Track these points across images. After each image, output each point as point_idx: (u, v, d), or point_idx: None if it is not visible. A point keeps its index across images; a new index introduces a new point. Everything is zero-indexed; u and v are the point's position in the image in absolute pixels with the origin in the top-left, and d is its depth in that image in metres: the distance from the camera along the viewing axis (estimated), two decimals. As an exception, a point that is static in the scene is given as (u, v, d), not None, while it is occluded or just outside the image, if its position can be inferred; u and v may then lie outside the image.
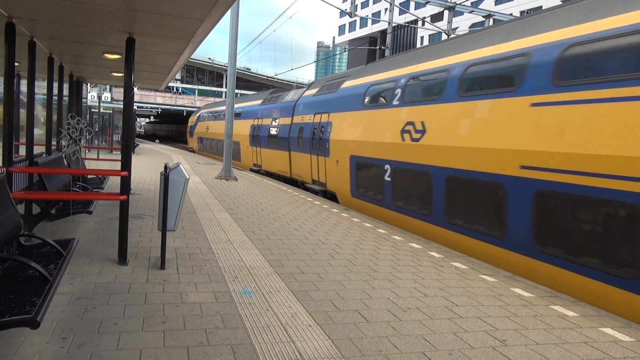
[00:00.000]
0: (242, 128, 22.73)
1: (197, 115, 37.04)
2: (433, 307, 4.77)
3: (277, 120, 18.33)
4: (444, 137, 8.14)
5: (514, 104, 6.75)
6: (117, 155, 16.66)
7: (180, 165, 5.66)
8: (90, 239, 6.52)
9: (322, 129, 13.61)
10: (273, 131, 18.55)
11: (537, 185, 6.24)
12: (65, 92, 10.17)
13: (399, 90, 9.89)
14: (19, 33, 5.52)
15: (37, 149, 7.62)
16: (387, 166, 9.88)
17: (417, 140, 8.85)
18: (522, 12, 46.24)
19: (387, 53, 21.49)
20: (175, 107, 60.28)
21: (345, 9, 20.95)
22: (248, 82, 72.84)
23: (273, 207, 10.29)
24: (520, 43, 7.04)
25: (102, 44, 6.67)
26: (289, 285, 5.14)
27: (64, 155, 8.67)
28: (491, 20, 21.82)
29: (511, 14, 28.21)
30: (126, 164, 5.68)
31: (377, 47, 23.32)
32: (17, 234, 4.18)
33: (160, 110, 61.75)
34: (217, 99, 48.53)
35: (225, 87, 34.26)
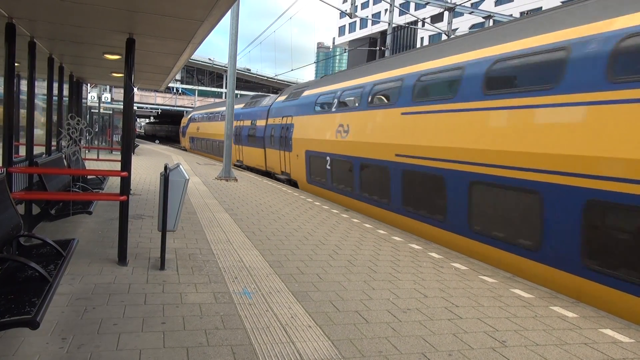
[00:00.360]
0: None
1: (189, 117, 41.49)
2: (433, 308, 4.77)
3: (255, 122, 21.51)
4: (359, 135, 11.41)
5: (392, 113, 10.04)
6: (117, 155, 16.65)
7: (180, 166, 5.66)
8: (90, 240, 6.52)
9: (287, 130, 16.65)
10: (252, 131, 21.86)
11: (403, 166, 9.45)
12: (65, 92, 10.17)
13: (335, 100, 13.41)
14: (19, 33, 5.52)
15: (37, 150, 7.62)
16: (327, 157, 13.17)
17: (344, 138, 12.13)
18: (522, 13, 46.29)
19: (387, 54, 21.50)
20: (175, 108, 60.27)
21: (346, 10, 20.96)
22: (248, 82, 72.83)
23: (273, 208, 10.29)
24: (400, 71, 10.43)
25: (102, 45, 6.67)
26: (289, 286, 5.13)
27: (63, 156, 8.67)
28: (491, 21, 21.83)
29: (511, 15, 28.23)
30: (126, 165, 5.68)
31: (377, 48, 23.30)
32: (17, 235, 4.18)
33: (160, 110, 61.78)
34: (217, 100, 49.66)
35: (225, 88, 34.30)
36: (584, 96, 5.85)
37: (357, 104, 11.90)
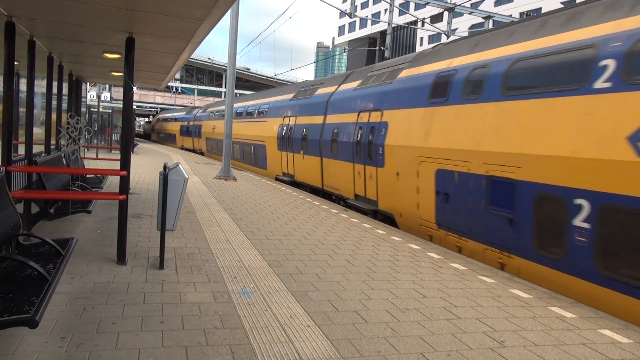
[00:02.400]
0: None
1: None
2: (432, 308, 4.78)
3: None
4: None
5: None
6: (116, 154, 16.63)
7: (180, 165, 5.66)
8: (89, 239, 6.52)
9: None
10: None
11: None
12: (65, 91, 10.16)
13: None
14: (18, 32, 5.52)
15: (36, 148, 7.61)
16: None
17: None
18: (521, 14, 46.31)
19: (386, 54, 21.50)
20: (174, 107, 60.23)
21: (345, 10, 20.95)
22: (247, 82, 72.84)
23: (272, 207, 10.29)
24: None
25: (101, 44, 6.66)
26: (288, 286, 5.14)
27: (63, 155, 8.67)
28: (490, 21, 21.84)
29: (511, 16, 28.25)
30: (125, 164, 5.68)
31: (377, 48, 23.31)
32: (16, 233, 4.18)
33: (159, 109, 61.68)
34: (218, 100, 50.88)
35: (225, 87, 34.33)
36: None
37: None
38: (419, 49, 56.07)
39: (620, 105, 5.50)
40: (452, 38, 19.78)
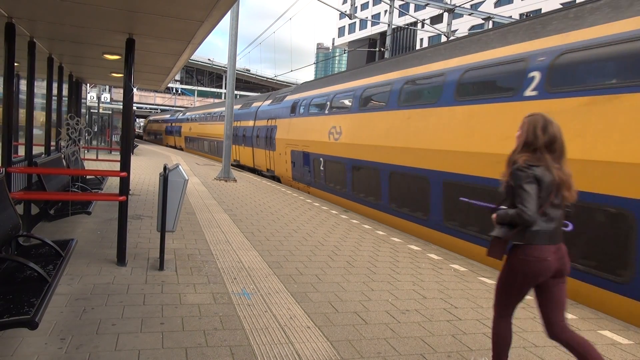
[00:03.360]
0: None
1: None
2: (432, 309, 4.77)
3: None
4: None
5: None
6: (116, 155, 16.63)
7: (180, 166, 5.66)
8: (89, 240, 6.51)
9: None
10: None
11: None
12: (65, 92, 10.16)
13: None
14: (18, 33, 5.52)
15: (36, 150, 7.61)
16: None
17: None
18: (521, 15, 46.33)
19: (386, 55, 21.51)
20: (174, 108, 60.26)
21: (345, 11, 20.97)
22: (247, 83, 72.86)
23: (272, 209, 10.28)
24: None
25: (101, 45, 6.67)
26: (288, 287, 5.13)
27: (63, 156, 8.66)
28: (490, 22, 21.86)
29: (510, 17, 28.27)
30: (125, 165, 5.68)
31: (377, 49, 23.32)
32: (16, 235, 4.18)
33: (159, 111, 61.70)
34: (218, 101, 51.69)
35: (225, 88, 34.36)
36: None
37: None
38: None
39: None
40: (446, 38, 19.78)
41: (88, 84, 22.84)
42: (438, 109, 8.35)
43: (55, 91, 8.99)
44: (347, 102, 12.25)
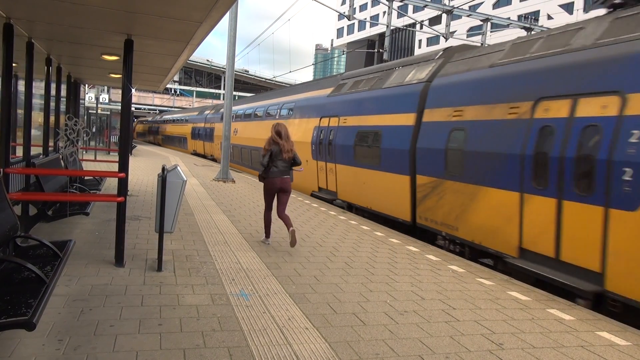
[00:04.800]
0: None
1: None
2: (430, 310, 4.77)
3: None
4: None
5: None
6: (115, 156, 16.61)
7: (178, 167, 5.65)
8: (87, 241, 6.50)
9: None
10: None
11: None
12: (63, 93, 10.16)
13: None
14: (17, 34, 5.51)
15: (34, 150, 7.59)
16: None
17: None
18: (519, 17, 46.40)
19: (385, 56, 21.52)
20: (173, 109, 60.25)
21: (344, 12, 20.98)
22: (246, 84, 72.84)
23: (270, 210, 10.27)
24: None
25: (100, 45, 6.66)
26: (286, 288, 5.13)
27: (61, 157, 8.65)
28: (489, 24, 21.89)
29: (509, 18, 28.31)
30: (123, 166, 5.67)
31: (375, 50, 23.33)
32: (14, 235, 4.17)
33: (158, 111, 61.66)
34: (215, 102, 52.71)
35: (224, 89, 34.42)
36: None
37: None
38: (417, 51, 56.14)
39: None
40: (450, 41, 19.81)
41: (86, 85, 22.81)
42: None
43: (53, 92, 8.98)
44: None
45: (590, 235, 5.65)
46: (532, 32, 19.40)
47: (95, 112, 29.00)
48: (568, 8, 45.62)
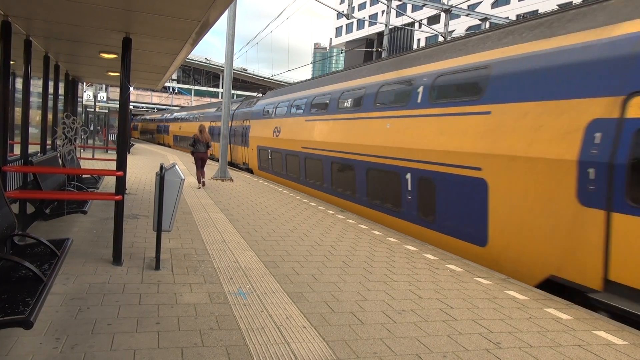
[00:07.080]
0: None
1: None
2: (428, 310, 4.78)
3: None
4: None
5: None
6: (113, 155, 16.60)
7: (176, 166, 5.65)
8: (84, 239, 6.49)
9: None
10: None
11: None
12: (61, 91, 10.14)
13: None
14: (14, 31, 5.50)
15: (32, 148, 7.58)
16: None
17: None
18: (518, 16, 46.44)
19: (383, 55, 21.53)
20: (171, 107, 60.15)
21: (343, 11, 20.97)
22: (245, 82, 72.77)
23: (269, 209, 10.28)
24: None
25: (98, 44, 6.65)
26: (284, 287, 5.13)
27: (58, 155, 8.63)
28: (487, 23, 21.91)
29: (507, 18, 28.35)
30: (121, 164, 5.66)
31: (374, 49, 23.35)
32: (11, 234, 4.16)
33: (156, 110, 61.60)
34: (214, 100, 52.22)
35: (222, 88, 34.45)
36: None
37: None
38: (416, 50, 55.96)
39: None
40: (443, 39, 19.77)
41: (84, 83, 22.76)
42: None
43: (51, 90, 8.96)
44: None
45: None
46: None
47: (93, 110, 28.94)
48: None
